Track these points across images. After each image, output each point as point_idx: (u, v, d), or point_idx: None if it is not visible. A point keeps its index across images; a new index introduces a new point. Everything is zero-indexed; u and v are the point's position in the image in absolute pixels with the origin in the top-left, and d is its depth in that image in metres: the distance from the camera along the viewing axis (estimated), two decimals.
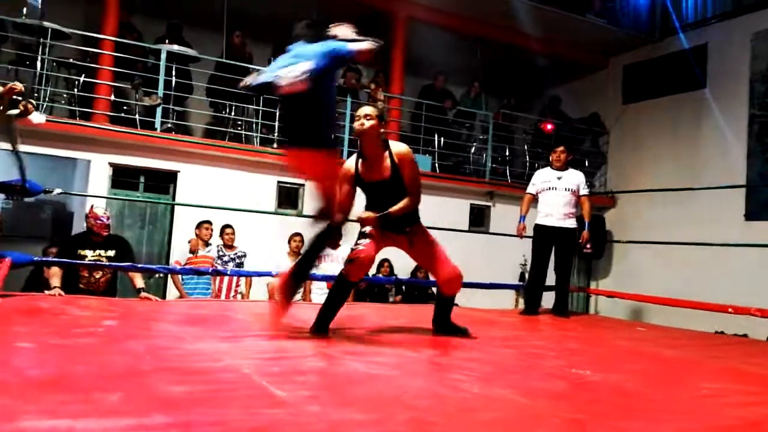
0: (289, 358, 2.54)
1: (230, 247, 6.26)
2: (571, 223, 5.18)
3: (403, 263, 7.50)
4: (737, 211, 7.80)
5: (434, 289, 7.30)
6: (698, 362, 3.33)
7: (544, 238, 5.17)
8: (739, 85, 8.07)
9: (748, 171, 7.87)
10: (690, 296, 5.88)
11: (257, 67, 7.39)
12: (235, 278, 6.07)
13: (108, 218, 4.64)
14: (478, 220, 8.68)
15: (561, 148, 5.31)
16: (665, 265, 8.07)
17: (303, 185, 7.53)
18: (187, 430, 1.50)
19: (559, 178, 5.23)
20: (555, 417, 1.86)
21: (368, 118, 3.16)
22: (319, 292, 6.16)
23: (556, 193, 5.18)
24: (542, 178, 5.32)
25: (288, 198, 7.65)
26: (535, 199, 5.41)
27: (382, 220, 3.16)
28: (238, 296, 6.12)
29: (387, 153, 3.21)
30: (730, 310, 4.99)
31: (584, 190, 5.29)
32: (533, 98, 10.61)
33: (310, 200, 3.48)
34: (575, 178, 5.26)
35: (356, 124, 3.19)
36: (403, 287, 7.26)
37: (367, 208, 3.28)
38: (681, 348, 3.78)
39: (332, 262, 6.18)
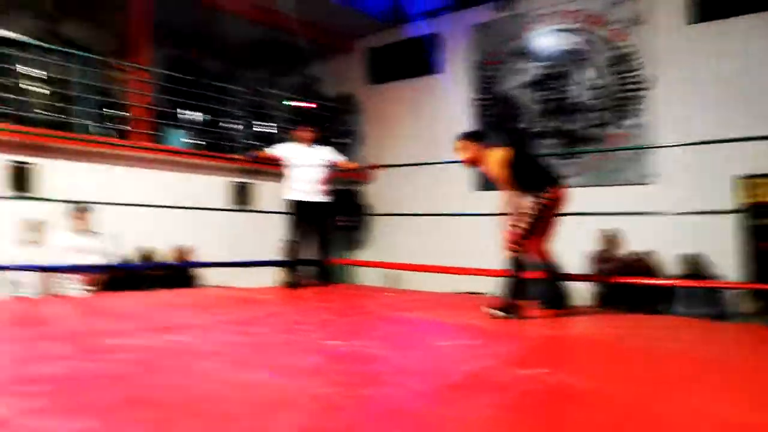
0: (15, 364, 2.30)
1: None
2: (324, 198, 5.44)
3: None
4: (466, 183, 8.92)
5: (197, 273, 7.19)
6: (436, 322, 3.78)
7: (299, 212, 5.35)
8: (464, 71, 9.15)
9: None
10: (437, 261, 6.55)
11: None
12: None
13: None
14: (241, 198, 8.62)
15: (309, 127, 5.47)
16: (414, 234, 8.89)
17: (35, 165, 6.70)
18: None
19: (308, 154, 5.40)
20: (304, 395, 1.98)
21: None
22: (70, 288, 5.60)
23: (307, 170, 5.36)
24: (292, 153, 5.43)
25: (22, 181, 6.73)
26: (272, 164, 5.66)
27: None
28: None
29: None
30: (467, 272, 5.65)
31: (337, 157, 5.55)
32: (289, 77, 10.76)
33: None
34: (323, 152, 5.49)
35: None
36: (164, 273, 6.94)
37: None
38: (423, 309, 4.24)
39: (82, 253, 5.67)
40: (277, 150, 5.54)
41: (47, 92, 7.20)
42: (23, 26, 7.16)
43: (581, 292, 7.23)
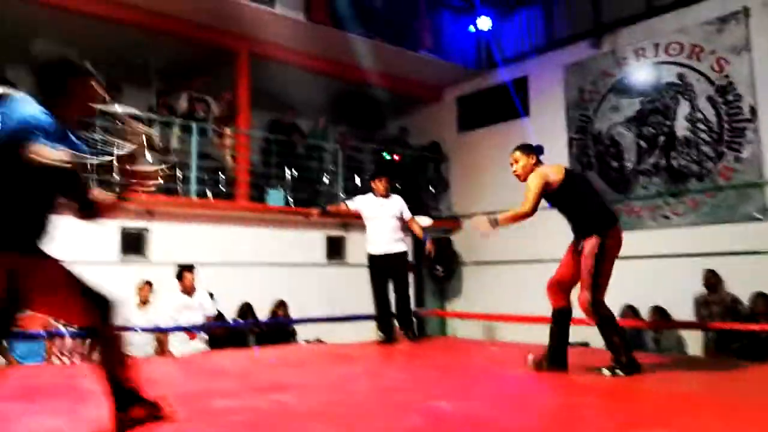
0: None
1: None
2: (399, 247, 5.30)
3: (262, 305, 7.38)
4: (567, 226, 8.58)
5: (295, 327, 7.31)
6: (543, 379, 3.58)
7: (376, 266, 5.27)
8: (556, 112, 8.95)
9: None
10: (533, 310, 6.31)
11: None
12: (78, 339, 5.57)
13: None
14: (335, 251, 8.76)
15: (383, 178, 5.39)
16: (511, 282, 8.63)
17: (148, 229, 7.15)
18: None
19: (381, 206, 5.33)
20: None
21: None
22: (179, 346, 5.86)
23: (380, 222, 5.28)
24: (366, 206, 5.38)
25: (134, 245, 7.18)
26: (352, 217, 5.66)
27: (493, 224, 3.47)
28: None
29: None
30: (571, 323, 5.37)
31: (408, 213, 5.41)
32: (377, 129, 11.00)
33: None
34: (397, 204, 5.39)
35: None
36: (264, 328, 7.09)
37: None
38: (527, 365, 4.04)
39: (190, 311, 5.94)
40: (352, 203, 5.53)
41: (154, 159, 7.73)
42: (133, 99, 7.78)
43: (692, 339, 6.76)
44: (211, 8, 7.39)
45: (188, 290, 6.07)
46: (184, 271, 6.09)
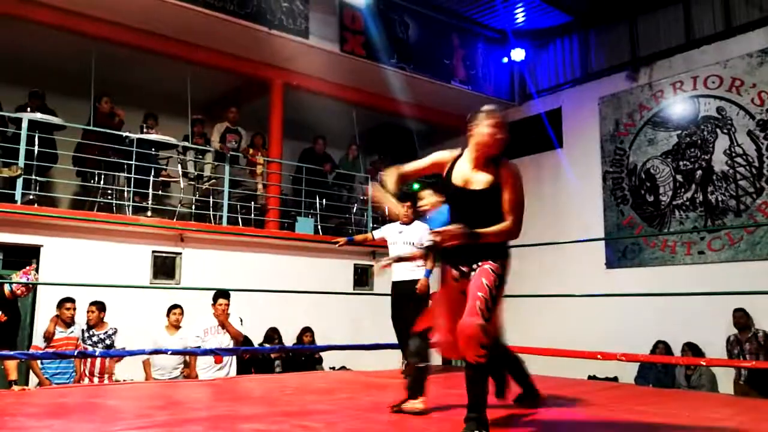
0: None
1: (98, 325, 5.82)
2: (417, 275, 5.03)
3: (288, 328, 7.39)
4: (599, 260, 8.43)
5: (321, 354, 7.27)
6: (576, 413, 3.49)
7: (394, 293, 5.14)
8: (591, 145, 8.88)
9: (605, 222, 8.59)
10: (565, 344, 6.19)
11: (128, 134, 7.22)
12: (107, 360, 5.62)
13: None
14: (362, 280, 8.74)
15: (408, 203, 5.10)
16: (541, 315, 8.47)
17: (180, 254, 7.26)
18: None
19: (400, 233, 5.15)
20: None
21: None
22: (206, 368, 5.88)
23: (398, 248, 5.11)
24: (388, 233, 5.27)
25: (164, 268, 7.29)
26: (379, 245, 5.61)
27: (467, 237, 2.64)
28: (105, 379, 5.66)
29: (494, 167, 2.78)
30: (599, 356, 5.28)
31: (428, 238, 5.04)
32: (408, 159, 11.02)
33: None
34: (418, 230, 5.10)
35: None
36: (290, 354, 7.08)
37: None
38: (559, 398, 3.94)
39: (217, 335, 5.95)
40: (378, 232, 5.43)
41: (188, 186, 7.89)
42: (169, 129, 8.00)
43: (725, 376, 6.54)
44: (247, 40, 7.58)
45: (219, 315, 6.08)
46: (217, 297, 6.10)
